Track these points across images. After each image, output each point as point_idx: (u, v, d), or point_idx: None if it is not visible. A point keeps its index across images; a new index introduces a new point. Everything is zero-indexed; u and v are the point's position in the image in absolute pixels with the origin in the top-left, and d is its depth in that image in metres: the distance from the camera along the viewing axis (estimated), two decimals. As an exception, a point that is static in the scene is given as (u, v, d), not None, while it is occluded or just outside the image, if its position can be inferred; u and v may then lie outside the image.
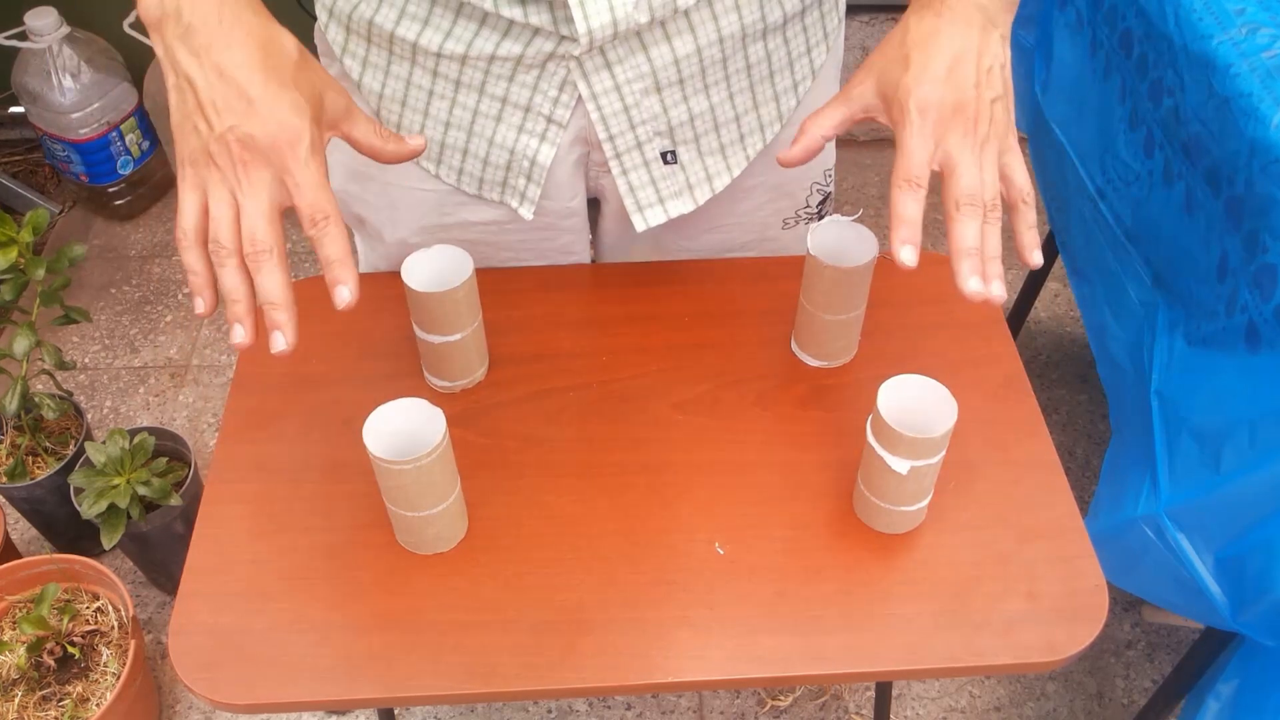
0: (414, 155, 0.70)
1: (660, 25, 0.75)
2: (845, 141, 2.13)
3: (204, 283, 0.61)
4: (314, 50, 0.86)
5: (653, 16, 0.72)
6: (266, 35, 0.60)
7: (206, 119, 0.59)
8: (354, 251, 1.02)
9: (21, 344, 1.22)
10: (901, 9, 0.70)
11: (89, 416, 1.46)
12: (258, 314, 0.60)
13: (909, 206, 0.62)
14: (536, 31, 0.74)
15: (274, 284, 0.59)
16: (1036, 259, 0.66)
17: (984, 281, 0.62)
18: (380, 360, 0.86)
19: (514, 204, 0.85)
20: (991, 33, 0.65)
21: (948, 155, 0.63)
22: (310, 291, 0.92)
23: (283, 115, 0.59)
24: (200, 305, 0.61)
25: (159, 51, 0.61)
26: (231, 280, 0.59)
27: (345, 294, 0.60)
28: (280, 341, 0.59)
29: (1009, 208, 0.67)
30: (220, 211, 0.59)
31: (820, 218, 0.97)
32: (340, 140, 0.89)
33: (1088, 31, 1.12)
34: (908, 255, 0.62)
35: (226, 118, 0.58)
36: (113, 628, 1.26)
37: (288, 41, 0.62)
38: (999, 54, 0.65)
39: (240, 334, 0.60)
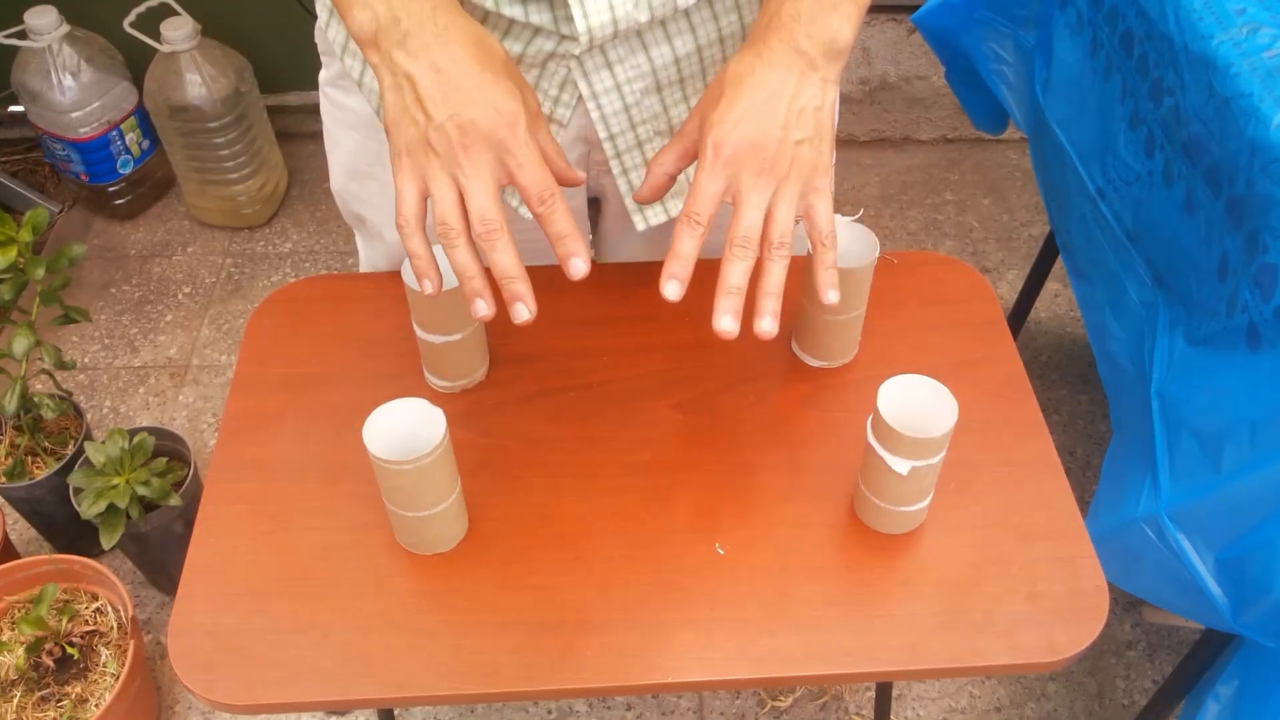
0: (572, 183, 0.72)
1: (660, 25, 0.75)
2: (845, 141, 2.13)
3: (428, 264, 0.65)
4: (315, 48, 0.86)
5: (653, 15, 0.72)
6: (477, 34, 0.64)
7: (425, 111, 0.62)
8: (356, 250, 1.02)
9: (21, 344, 1.21)
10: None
11: (88, 416, 1.46)
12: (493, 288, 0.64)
13: (684, 242, 0.64)
14: (537, 31, 0.74)
15: (508, 259, 0.63)
16: (831, 298, 0.67)
17: (738, 319, 0.64)
18: (380, 360, 0.86)
19: (514, 203, 0.85)
20: (810, 76, 0.65)
21: (737, 193, 0.64)
22: (310, 291, 0.92)
23: (499, 100, 0.62)
24: (429, 286, 0.65)
25: (374, 62, 0.64)
26: (464, 258, 0.63)
27: (580, 265, 0.64)
28: (524, 312, 0.64)
29: (811, 248, 0.68)
30: (443, 194, 0.63)
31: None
32: (340, 138, 0.90)
33: (1088, 32, 1.12)
34: (671, 290, 0.64)
35: (445, 108, 0.62)
36: (112, 628, 1.26)
37: (494, 41, 0.65)
38: (815, 97, 0.65)
39: (483, 307, 0.64)
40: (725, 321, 0.63)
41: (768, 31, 0.66)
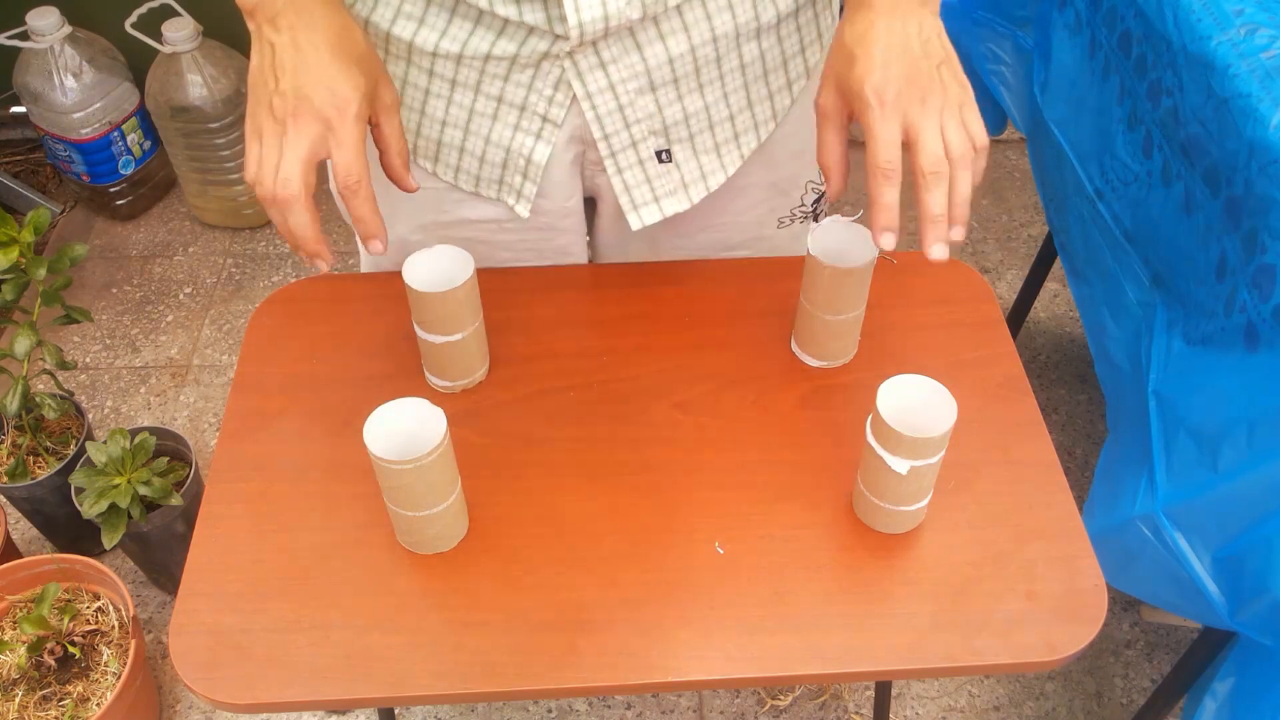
0: (403, 187, 0.77)
1: (654, 24, 0.75)
2: (845, 142, 2.13)
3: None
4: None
5: (645, 12, 0.73)
6: (342, 25, 0.70)
7: (276, 76, 0.68)
8: (356, 250, 1.02)
9: (23, 344, 1.22)
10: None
11: (90, 416, 1.46)
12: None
13: (886, 193, 0.67)
14: (531, 30, 0.74)
15: (301, 224, 0.69)
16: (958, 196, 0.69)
17: (947, 247, 0.67)
18: (380, 360, 0.86)
19: (510, 201, 0.86)
20: (922, 12, 0.69)
21: (910, 127, 0.67)
22: (310, 291, 0.92)
23: (339, 86, 0.68)
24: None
25: (250, 29, 0.70)
26: (277, 220, 0.70)
27: (377, 246, 0.71)
28: (323, 267, 0.70)
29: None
30: (267, 155, 0.69)
31: (816, 216, 0.97)
32: None
33: (1086, 32, 1.12)
34: (888, 241, 0.67)
35: (290, 79, 0.68)
36: (113, 627, 1.27)
37: (359, 35, 0.71)
38: (931, 27, 0.69)
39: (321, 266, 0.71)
40: (938, 250, 0.66)
41: None
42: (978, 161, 0.69)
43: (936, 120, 0.67)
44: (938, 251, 0.66)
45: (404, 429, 0.68)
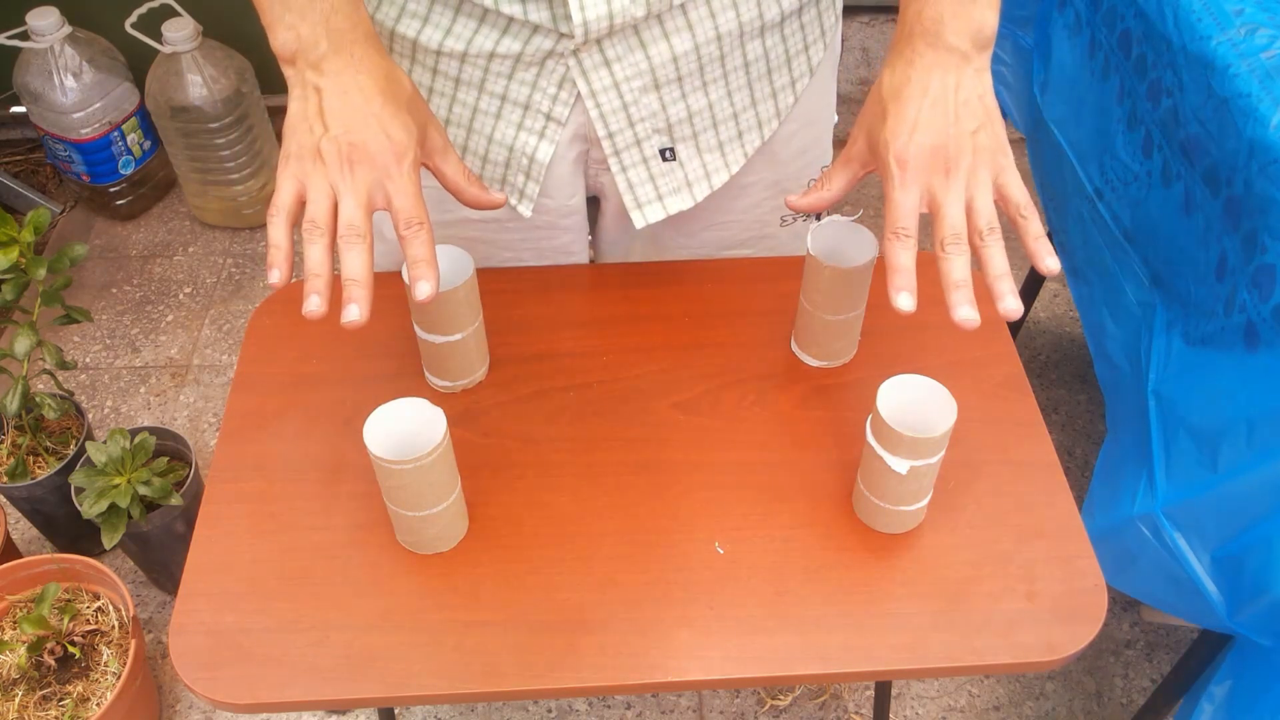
0: (491, 206, 0.74)
1: (658, 23, 0.75)
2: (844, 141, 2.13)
3: (283, 256, 0.66)
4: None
5: (649, 10, 0.73)
6: (388, 69, 0.68)
7: (324, 123, 0.65)
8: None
9: (22, 344, 1.22)
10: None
11: (90, 416, 1.46)
12: (334, 290, 0.65)
13: (900, 256, 0.65)
14: (536, 29, 0.74)
15: (360, 264, 0.65)
16: (1049, 265, 0.66)
17: (976, 306, 0.64)
18: (380, 360, 0.86)
19: (513, 201, 0.86)
20: (965, 68, 0.67)
21: (932, 198, 0.66)
22: (311, 291, 0.92)
23: (394, 132, 0.66)
24: (276, 276, 0.66)
25: (289, 74, 0.68)
26: (319, 257, 0.65)
27: (426, 288, 0.65)
28: (354, 313, 0.64)
29: (1010, 224, 0.68)
30: (318, 197, 0.65)
31: (818, 216, 0.97)
32: None
33: (1086, 32, 1.12)
34: (904, 301, 0.65)
35: (341, 124, 0.65)
36: (113, 627, 1.27)
37: (404, 78, 0.69)
38: (975, 86, 0.67)
39: (317, 303, 0.64)
40: (964, 311, 0.64)
41: (912, 38, 0.67)
42: (1027, 226, 0.67)
43: (961, 190, 0.66)
44: (964, 312, 0.63)
45: (404, 429, 0.68)
